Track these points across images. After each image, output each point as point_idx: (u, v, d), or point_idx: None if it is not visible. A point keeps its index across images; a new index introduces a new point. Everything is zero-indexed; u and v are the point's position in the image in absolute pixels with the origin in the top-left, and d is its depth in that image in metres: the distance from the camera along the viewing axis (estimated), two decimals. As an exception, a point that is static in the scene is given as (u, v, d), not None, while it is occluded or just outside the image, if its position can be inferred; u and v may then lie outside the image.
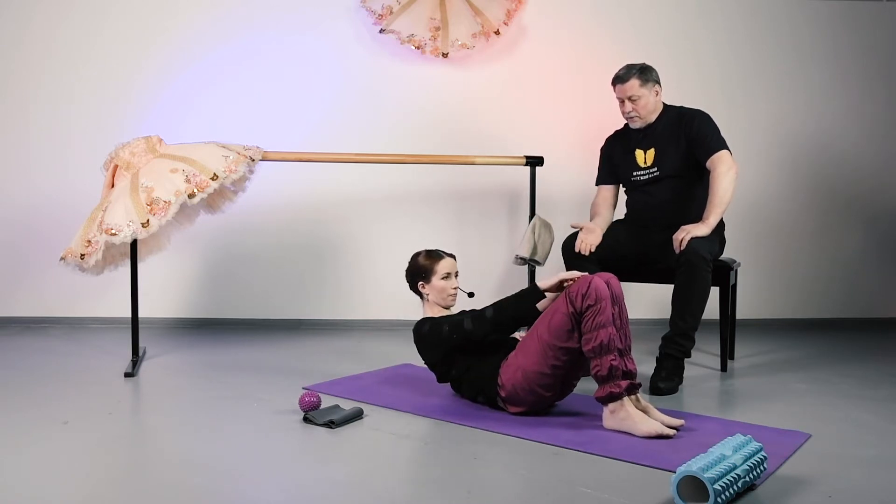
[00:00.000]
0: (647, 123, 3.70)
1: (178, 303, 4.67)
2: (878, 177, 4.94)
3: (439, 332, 3.05)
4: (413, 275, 3.27)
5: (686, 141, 3.62)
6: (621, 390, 2.78)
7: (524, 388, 2.92)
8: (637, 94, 3.62)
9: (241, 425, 2.89)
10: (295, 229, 4.68)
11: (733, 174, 3.51)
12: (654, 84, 3.66)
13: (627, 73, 3.64)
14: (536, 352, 2.89)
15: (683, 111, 3.71)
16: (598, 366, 2.79)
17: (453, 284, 3.22)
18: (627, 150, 3.77)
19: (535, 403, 2.96)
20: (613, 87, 3.69)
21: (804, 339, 4.52)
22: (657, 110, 3.70)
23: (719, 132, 3.62)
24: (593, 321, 2.78)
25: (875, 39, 4.87)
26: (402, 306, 4.71)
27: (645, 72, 3.64)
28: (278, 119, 4.59)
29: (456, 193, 4.72)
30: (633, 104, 3.64)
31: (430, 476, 2.48)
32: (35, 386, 3.39)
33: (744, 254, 4.53)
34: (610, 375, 2.78)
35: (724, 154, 3.54)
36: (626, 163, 3.77)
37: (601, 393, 2.81)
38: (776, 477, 2.44)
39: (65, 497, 2.28)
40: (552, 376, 2.89)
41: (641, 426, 2.75)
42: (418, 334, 3.14)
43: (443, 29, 4.53)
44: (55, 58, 4.57)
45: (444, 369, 3.14)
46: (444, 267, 3.22)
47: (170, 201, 3.51)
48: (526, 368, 2.90)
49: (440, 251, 3.28)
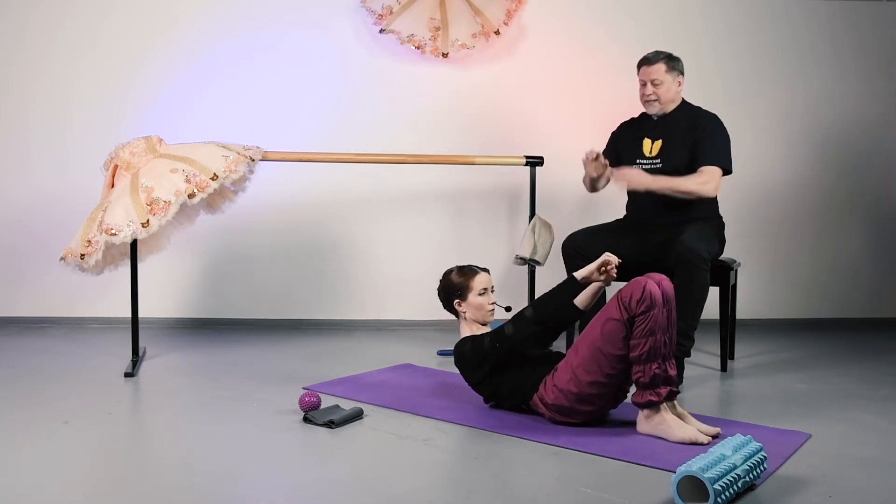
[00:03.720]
0: (663, 112, 3.71)
1: (178, 303, 4.67)
2: (878, 177, 4.94)
3: (481, 345, 2.96)
4: (447, 293, 3.15)
5: (693, 142, 3.64)
6: (660, 399, 2.73)
7: (579, 399, 2.81)
8: (660, 79, 3.65)
9: (241, 425, 2.89)
10: (295, 229, 4.68)
11: (701, 189, 3.55)
12: (678, 74, 3.70)
13: (655, 56, 3.68)
14: (590, 360, 2.79)
15: (701, 112, 3.73)
16: (640, 372, 2.73)
17: (490, 300, 3.12)
18: (637, 136, 3.78)
19: (590, 414, 2.86)
20: (638, 70, 3.73)
21: (804, 339, 4.52)
22: (676, 101, 3.73)
23: (726, 145, 3.65)
24: (644, 327, 2.71)
25: (875, 39, 4.87)
26: (402, 306, 4.72)
27: (672, 59, 3.69)
28: (278, 119, 4.59)
29: (456, 193, 4.72)
30: (655, 88, 3.66)
31: (431, 476, 2.48)
32: (35, 386, 3.39)
33: (744, 254, 4.53)
34: (651, 383, 2.72)
35: (712, 170, 3.58)
36: (632, 149, 3.78)
37: (639, 399, 2.76)
38: (776, 477, 2.44)
39: (65, 497, 2.28)
40: (607, 385, 2.80)
41: (676, 432, 2.71)
42: (460, 353, 3.04)
43: (443, 29, 4.53)
44: (55, 58, 4.57)
45: (491, 389, 3.03)
46: (480, 282, 3.11)
47: (170, 201, 3.51)
48: (580, 378, 2.80)
49: (473, 266, 3.17)
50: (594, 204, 4.59)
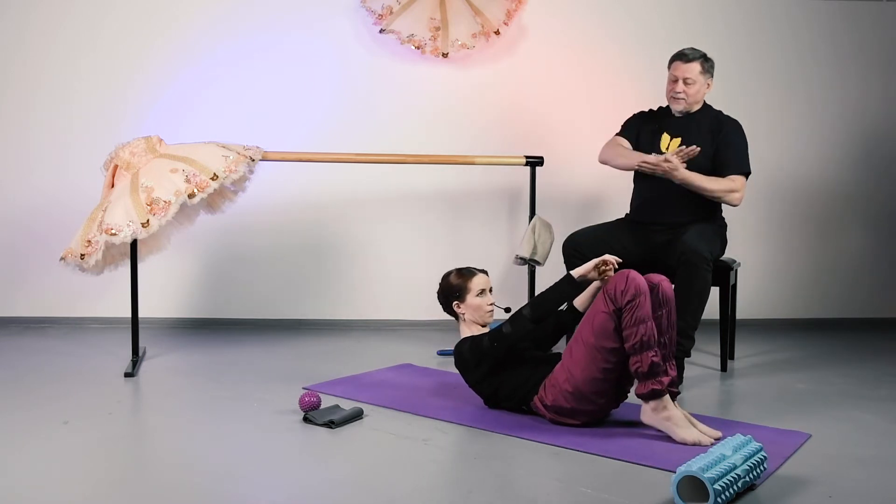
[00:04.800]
0: (688, 111, 3.71)
1: (178, 303, 4.67)
2: (878, 177, 4.94)
3: (480, 345, 2.96)
4: (446, 295, 3.16)
5: (714, 147, 3.63)
6: (663, 387, 2.73)
7: (577, 398, 2.82)
8: (693, 79, 3.64)
9: (241, 425, 2.89)
10: (295, 229, 4.68)
11: (727, 197, 3.59)
12: (710, 77, 3.70)
13: (693, 54, 3.66)
14: (584, 356, 2.80)
15: (722, 117, 3.72)
16: (638, 362, 2.72)
17: (489, 300, 3.13)
18: (655, 129, 3.76)
19: (592, 413, 2.86)
20: (670, 64, 3.70)
21: (804, 339, 4.52)
22: (700, 103, 3.73)
23: (747, 151, 3.67)
24: (632, 316, 2.71)
25: (875, 39, 4.87)
26: (402, 306, 4.71)
27: (708, 60, 3.68)
28: (278, 119, 4.59)
29: (456, 193, 4.72)
30: (686, 87, 3.65)
31: (430, 476, 2.48)
32: (35, 386, 3.39)
33: (744, 254, 4.52)
34: (651, 372, 2.71)
35: (741, 180, 3.62)
36: (650, 140, 3.76)
37: (643, 389, 2.75)
38: (776, 477, 2.45)
39: (65, 497, 2.28)
40: (604, 381, 2.80)
41: (681, 431, 2.71)
42: (459, 354, 3.05)
43: (443, 29, 4.53)
44: (55, 58, 4.57)
45: (491, 390, 3.03)
46: (478, 283, 3.12)
47: (170, 201, 3.51)
48: (576, 376, 2.81)
49: (471, 268, 3.18)
50: (594, 204, 4.59)
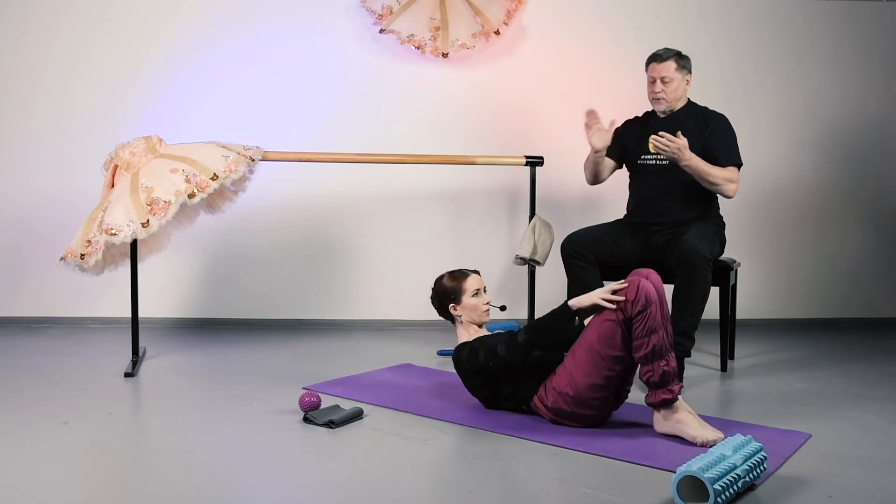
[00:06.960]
0: (671, 110, 3.72)
1: (178, 303, 4.67)
2: (877, 177, 4.94)
3: (476, 359, 2.95)
4: (441, 299, 3.15)
5: (703, 142, 3.64)
6: (674, 396, 2.72)
7: (577, 402, 2.80)
8: (670, 77, 3.66)
9: (241, 425, 2.89)
10: (295, 229, 4.68)
11: (725, 186, 3.60)
12: (687, 73, 3.72)
13: (666, 53, 3.69)
14: (588, 362, 2.78)
15: (708, 112, 3.74)
16: (649, 371, 2.71)
17: (485, 300, 3.13)
18: (642, 134, 3.77)
19: (591, 418, 2.85)
20: (647, 67, 3.73)
21: (804, 339, 4.52)
22: (683, 100, 3.74)
23: (736, 143, 3.68)
24: (644, 326, 2.69)
25: (875, 39, 4.87)
26: (402, 306, 4.71)
27: (683, 58, 3.71)
28: (278, 119, 4.59)
29: (456, 193, 4.72)
30: (664, 86, 3.67)
31: (430, 476, 2.48)
32: (35, 386, 3.39)
33: (744, 254, 4.52)
34: (662, 381, 2.70)
35: (732, 170, 3.63)
36: (637, 145, 3.78)
37: (654, 399, 2.74)
38: (776, 477, 2.45)
39: (65, 497, 2.28)
40: (605, 388, 2.79)
41: (694, 431, 2.69)
42: (458, 361, 3.04)
43: (443, 29, 4.53)
44: (55, 58, 4.57)
45: (490, 393, 3.02)
46: (473, 284, 3.12)
47: (170, 201, 3.51)
48: (578, 381, 2.79)
49: (463, 270, 3.18)
50: (594, 204, 4.59)
